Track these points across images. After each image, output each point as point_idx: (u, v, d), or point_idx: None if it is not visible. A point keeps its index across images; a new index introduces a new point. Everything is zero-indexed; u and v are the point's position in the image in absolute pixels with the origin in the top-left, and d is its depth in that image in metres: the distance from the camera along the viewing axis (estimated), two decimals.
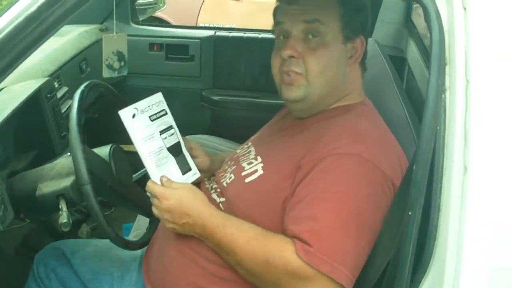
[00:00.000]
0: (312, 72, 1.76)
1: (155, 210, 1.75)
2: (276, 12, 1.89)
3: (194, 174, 1.88)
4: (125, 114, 1.73)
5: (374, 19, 3.06)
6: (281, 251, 1.56)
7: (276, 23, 1.86)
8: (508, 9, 1.32)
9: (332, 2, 1.78)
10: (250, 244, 1.61)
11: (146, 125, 1.76)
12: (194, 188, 1.77)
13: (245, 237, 1.63)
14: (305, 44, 1.77)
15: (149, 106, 1.79)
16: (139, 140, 1.73)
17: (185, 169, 1.85)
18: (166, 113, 1.84)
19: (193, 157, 1.95)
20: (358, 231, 1.56)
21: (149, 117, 1.78)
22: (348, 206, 1.57)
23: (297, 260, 1.53)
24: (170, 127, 1.84)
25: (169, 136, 1.83)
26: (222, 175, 1.93)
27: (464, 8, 1.31)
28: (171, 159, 1.81)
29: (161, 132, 1.80)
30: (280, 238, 1.60)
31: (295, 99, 1.81)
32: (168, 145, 1.81)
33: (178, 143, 1.85)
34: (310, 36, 1.76)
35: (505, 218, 1.28)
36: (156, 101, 1.83)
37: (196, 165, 1.92)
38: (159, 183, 1.74)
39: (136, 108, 1.75)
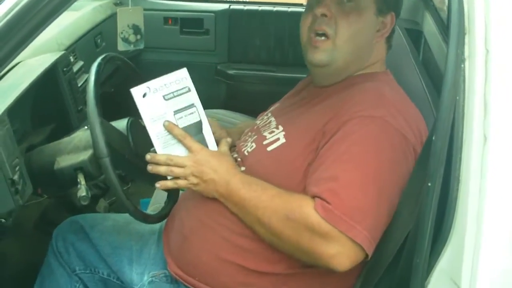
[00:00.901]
0: (342, 36, 1.76)
1: (179, 170, 1.74)
2: None
3: None
4: (136, 92, 1.72)
5: None
6: (301, 206, 1.57)
7: None
8: None
9: None
10: (273, 201, 1.62)
11: (158, 105, 1.74)
12: (226, 152, 1.83)
13: (268, 194, 1.64)
14: (339, 6, 1.76)
15: (165, 84, 1.75)
16: (147, 120, 1.73)
17: None
18: (188, 90, 1.79)
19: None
20: (377, 192, 1.57)
21: (163, 96, 1.74)
22: (369, 167, 1.58)
23: (316, 216, 1.54)
24: (191, 106, 1.79)
25: (186, 116, 1.78)
26: (243, 145, 1.93)
27: None
28: (178, 142, 1.77)
29: (176, 112, 1.76)
30: (301, 195, 1.62)
31: (319, 62, 1.81)
32: (183, 125, 1.77)
33: (199, 122, 1.81)
34: (345, 0, 1.76)
35: None
36: (178, 78, 1.78)
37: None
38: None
39: (148, 87, 1.73)
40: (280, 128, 1.84)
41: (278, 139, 1.80)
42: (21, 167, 1.82)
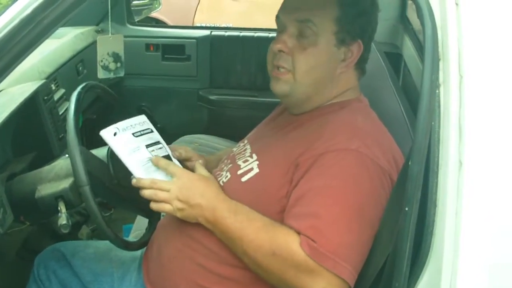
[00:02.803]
0: (299, 70, 1.76)
1: (164, 194, 1.72)
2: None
3: None
4: (106, 133, 1.74)
5: None
6: (287, 242, 1.57)
7: (276, 16, 1.86)
8: (499, 4, 1.33)
9: (330, 4, 1.77)
10: (259, 235, 1.62)
11: (129, 140, 1.78)
12: (210, 175, 1.82)
13: (254, 227, 1.63)
14: (297, 41, 1.77)
15: (131, 125, 1.81)
16: (124, 153, 1.74)
17: None
18: (152, 131, 1.86)
19: (185, 160, 1.98)
20: (360, 226, 1.57)
21: (133, 133, 1.80)
22: (349, 201, 1.58)
23: (301, 253, 1.54)
24: (158, 143, 1.86)
25: (157, 150, 1.83)
26: (219, 174, 1.92)
27: (456, 4, 1.32)
28: (161, 170, 1.80)
29: (148, 146, 1.81)
30: (286, 229, 1.61)
31: (280, 93, 1.82)
32: (162, 155, 1.82)
33: (168, 156, 1.85)
34: (303, 35, 1.76)
35: (500, 212, 1.29)
36: (140, 121, 1.85)
37: (191, 168, 1.92)
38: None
39: (117, 127, 1.76)
40: (254, 157, 1.84)
41: (252, 169, 1.80)
42: (1, 196, 1.82)
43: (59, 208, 1.86)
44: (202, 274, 1.76)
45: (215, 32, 4.01)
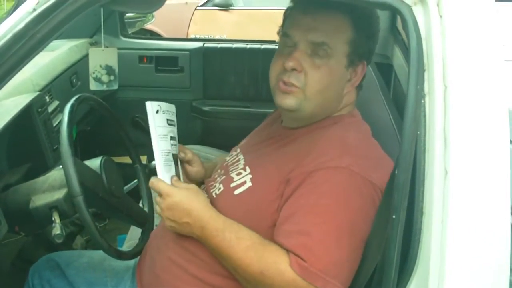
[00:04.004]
0: (312, 89, 1.75)
1: (156, 208, 1.76)
2: (286, 18, 1.88)
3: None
4: (151, 107, 1.77)
5: None
6: (276, 263, 1.58)
7: (284, 33, 1.84)
8: (482, 16, 1.36)
9: (345, 26, 1.77)
10: (247, 254, 1.62)
11: (163, 125, 1.81)
12: (198, 189, 1.79)
13: (242, 246, 1.63)
14: (310, 59, 1.75)
15: (168, 111, 1.85)
16: (156, 135, 1.75)
17: (179, 176, 1.89)
18: (175, 125, 1.90)
19: (187, 162, 2.03)
20: (350, 244, 1.58)
21: (167, 119, 1.83)
22: (339, 219, 1.59)
23: (291, 273, 1.55)
24: (175, 139, 1.89)
25: (174, 145, 1.88)
26: (212, 185, 1.93)
27: (440, 16, 1.35)
28: (173, 166, 1.83)
29: (172, 138, 1.85)
30: (275, 248, 1.61)
31: (288, 108, 1.79)
32: (173, 152, 1.85)
33: (176, 155, 1.90)
34: (316, 54, 1.74)
35: (485, 219, 1.32)
36: (172, 111, 1.90)
37: (193, 175, 1.98)
38: (165, 180, 1.75)
39: (160, 105, 1.80)
40: (248, 170, 1.85)
41: (244, 182, 1.80)
42: None
43: (53, 219, 1.87)
44: (195, 284, 1.78)
45: (208, 44, 4.02)
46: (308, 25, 1.76)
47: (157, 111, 1.78)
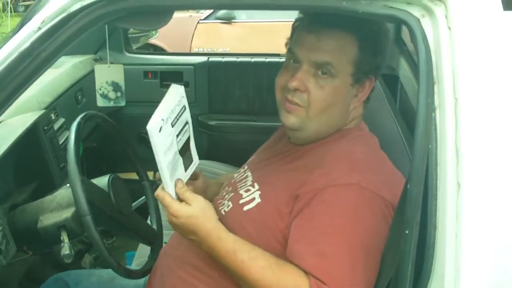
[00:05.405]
0: (315, 108, 1.73)
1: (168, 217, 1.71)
2: (294, 32, 1.86)
3: (194, 164, 1.86)
4: (153, 128, 1.59)
5: None
6: (296, 286, 1.56)
7: (289, 49, 1.82)
8: (490, 28, 1.35)
9: (350, 46, 1.74)
10: (264, 275, 1.59)
11: (168, 134, 1.67)
12: (206, 205, 1.70)
13: (258, 266, 1.60)
14: (314, 79, 1.73)
15: (172, 110, 1.70)
16: (160, 154, 1.64)
17: (188, 163, 1.80)
18: (185, 109, 1.76)
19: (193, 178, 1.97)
20: (365, 262, 1.57)
21: (171, 123, 1.68)
22: (353, 238, 1.57)
23: None
24: (186, 123, 1.77)
25: (183, 135, 1.76)
26: (221, 202, 1.92)
27: (449, 28, 1.34)
28: (180, 161, 1.76)
29: (177, 135, 1.72)
30: (293, 270, 1.59)
31: (291, 126, 1.79)
32: (180, 147, 1.74)
33: (189, 138, 1.80)
34: (320, 73, 1.72)
35: (500, 232, 1.30)
36: (178, 98, 1.75)
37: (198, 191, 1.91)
38: (171, 193, 1.68)
39: (162, 119, 1.63)
40: (256, 186, 1.83)
41: (253, 198, 1.79)
42: (3, 227, 1.83)
43: (61, 238, 1.87)
44: None
45: (212, 58, 4.02)
46: (312, 45, 1.74)
47: (161, 129, 1.62)
